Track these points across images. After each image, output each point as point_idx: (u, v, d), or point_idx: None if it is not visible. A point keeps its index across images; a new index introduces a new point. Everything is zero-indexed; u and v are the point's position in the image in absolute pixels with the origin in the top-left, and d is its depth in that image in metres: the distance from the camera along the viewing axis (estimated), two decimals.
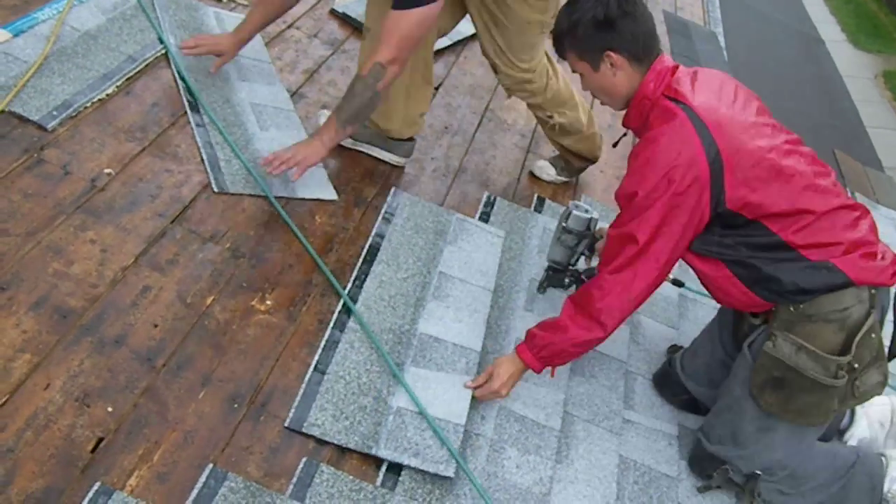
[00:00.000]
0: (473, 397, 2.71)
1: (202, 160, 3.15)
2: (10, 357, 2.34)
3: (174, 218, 2.93)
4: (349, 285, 2.93)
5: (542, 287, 3.24)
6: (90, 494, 2.11)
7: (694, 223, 2.46)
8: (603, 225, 3.12)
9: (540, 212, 3.72)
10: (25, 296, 2.50)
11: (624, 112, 2.70)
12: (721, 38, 6.84)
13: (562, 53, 2.69)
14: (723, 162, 2.38)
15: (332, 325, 2.79)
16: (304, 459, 2.39)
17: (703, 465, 2.81)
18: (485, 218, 3.52)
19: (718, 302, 2.75)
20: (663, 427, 2.97)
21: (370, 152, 3.55)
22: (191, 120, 3.32)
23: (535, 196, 3.83)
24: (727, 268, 2.56)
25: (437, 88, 4.30)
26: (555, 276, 3.19)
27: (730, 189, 2.41)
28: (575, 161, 3.82)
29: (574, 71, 2.70)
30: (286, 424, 2.45)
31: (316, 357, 2.67)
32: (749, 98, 2.58)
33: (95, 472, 2.17)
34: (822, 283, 2.44)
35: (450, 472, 2.44)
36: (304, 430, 2.44)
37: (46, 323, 2.46)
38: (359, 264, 3.06)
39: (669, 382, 3.03)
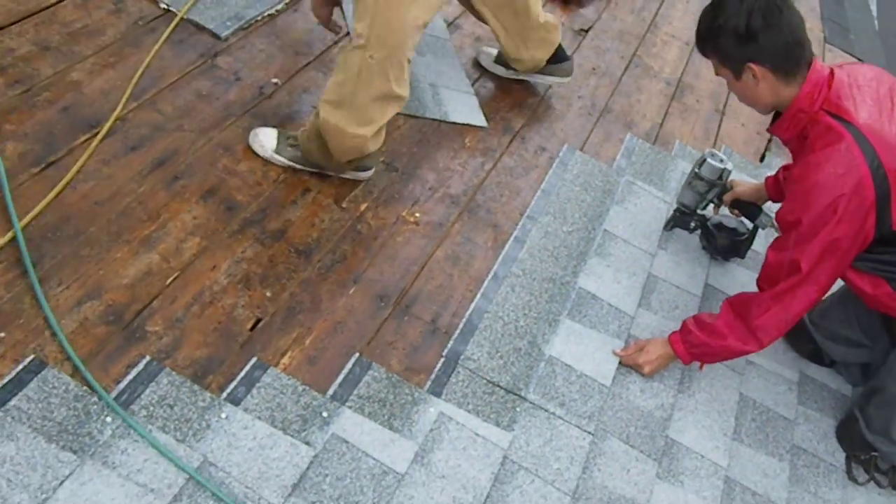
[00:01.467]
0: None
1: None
2: (182, 238, 2.54)
3: None
4: (511, 238, 3.07)
5: (669, 226, 3.28)
6: (247, 367, 2.29)
7: (857, 247, 2.41)
8: (737, 177, 3.16)
9: (681, 158, 3.77)
10: (197, 186, 2.70)
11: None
12: (873, 6, 6.69)
13: (705, 54, 2.57)
14: (890, 185, 2.31)
15: (495, 268, 2.91)
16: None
17: (854, 445, 2.80)
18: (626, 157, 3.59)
19: (874, 309, 2.70)
20: (784, 372, 3.02)
21: (533, 80, 3.68)
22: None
23: (677, 142, 3.88)
24: (889, 285, 2.52)
25: (586, 31, 4.36)
26: (682, 218, 3.22)
27: None
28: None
29: (717, 74, 2.58)
30: (444, 354, 2.58)
31: (480, 292, 2.80)
32: None
33: (253, 349, 2.35)
34: None
35: (591, 429, 2.55)
36: (459, 363, 2.56)
37: (215, 212, 2.65)
38: (524, 216, 3.16)
39: (797, 331, 3.05)
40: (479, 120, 3.43)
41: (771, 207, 3.12)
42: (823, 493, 2.71)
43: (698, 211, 3.20)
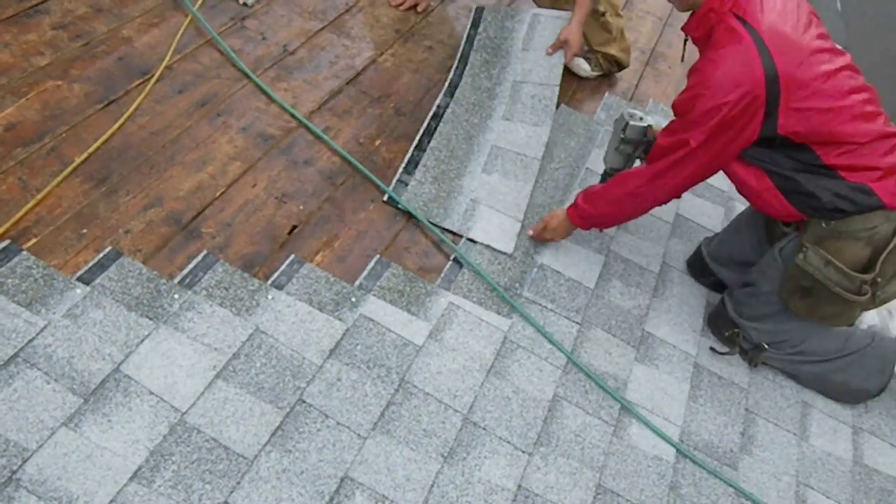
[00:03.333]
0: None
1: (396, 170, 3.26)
2: (226, 162, 2.98)
3: (349, 80, 3.55)
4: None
5: None
6: (287, 262, 2.73)
7: (741, 141, 2.59)
8: (659, 124, 3.24)
9: None
10: (236, 122, 3.14)
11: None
12: None
13: None
14: (780, 90, 2.46)
15: None
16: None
17: (720, 323, 3.08)
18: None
19: (756, 209, 2.94)
20: None
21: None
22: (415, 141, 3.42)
23: (651, 100, 4.32)
24: (769, 179, 2.70)
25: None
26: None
27: (783, 117, 2.51)
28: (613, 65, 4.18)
29: None
30: (451, 258, 3.01)
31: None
32: (811, 17, 2.63)
33: (291, 248, 2.79)
34: (856, 205, 2.60)
35: (577, 320, 2.99)
36: (464, 266, 2.99)
37: (252, 142, 3.09)
38: None
39: (700, 267, 3.34)
40: (503, 245, 3.11)
41: None
42: (780, 380, 3.14)
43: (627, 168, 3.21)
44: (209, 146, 3.00)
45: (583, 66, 4.12)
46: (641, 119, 3.07)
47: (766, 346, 3.01)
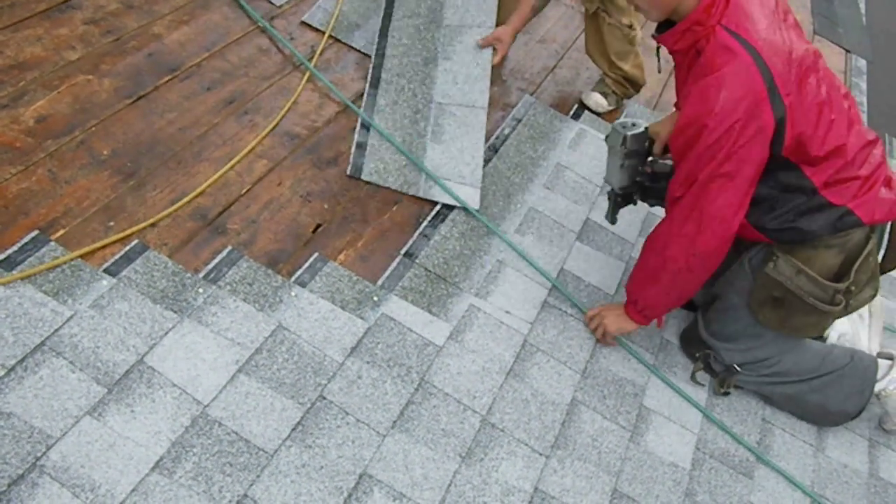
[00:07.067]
0: None
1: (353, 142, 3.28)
2: (252, 160, 3.01)
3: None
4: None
5: (614, 215, 3.08)
6: (311, 259, 2.75)
7: (759, 172, 2.38)
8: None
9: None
10: (262, 120, 3.17)
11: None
12: (861, 2, 6.95)
13: None
14: (786, 110, 2.28)
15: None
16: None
17: (692, 345, 2.98)
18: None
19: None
20: None
21: None
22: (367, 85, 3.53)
23: (673, 109, 4.32)
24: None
25: None
26: (624, 199, 3.01)
27: (788, 138, 2.32)
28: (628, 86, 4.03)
29: None
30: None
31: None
32: (786, 13, 2.44)
33: (315, 246, 2.81)
34: (835, 227, 2.49)
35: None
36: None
37: (278, 141, 3.12)
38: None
39: None
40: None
41: None
42: None
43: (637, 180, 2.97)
44: (236, 144, 3.03)
45: (599, 102, 4.04)
46: (634, 125, 2.79)
47: (738, 369, 2.89)
